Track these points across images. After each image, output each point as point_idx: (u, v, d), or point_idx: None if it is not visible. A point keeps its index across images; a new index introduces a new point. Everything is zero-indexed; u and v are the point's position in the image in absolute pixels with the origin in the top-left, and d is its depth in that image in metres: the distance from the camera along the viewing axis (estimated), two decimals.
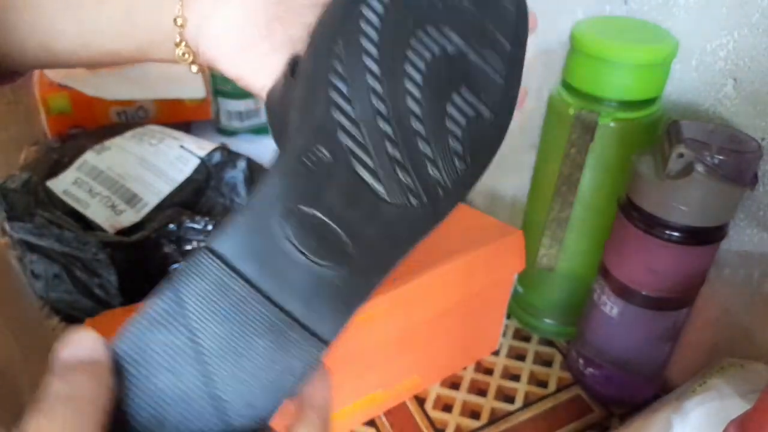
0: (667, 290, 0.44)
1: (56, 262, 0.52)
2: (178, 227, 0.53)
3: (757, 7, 0.40)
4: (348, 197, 0.25)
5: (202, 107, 0.77)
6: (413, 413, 0.51)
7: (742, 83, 0.42)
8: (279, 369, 0.24)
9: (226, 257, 0.24)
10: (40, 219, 0.52)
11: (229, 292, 0.24)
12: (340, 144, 0.25)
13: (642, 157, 0.43)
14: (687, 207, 0.40)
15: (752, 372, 0.41)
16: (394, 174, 0.25)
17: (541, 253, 0.52)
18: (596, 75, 0.44)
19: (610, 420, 0.50)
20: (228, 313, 0.24)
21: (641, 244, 0.43)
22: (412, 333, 0.47)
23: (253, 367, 0.24)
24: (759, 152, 0.39)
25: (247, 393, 0.24)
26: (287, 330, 0.24)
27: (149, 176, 0.59)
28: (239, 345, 0.24)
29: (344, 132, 0.25)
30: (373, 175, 0.25)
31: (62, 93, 0.70)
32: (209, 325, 0.24)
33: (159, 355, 0.23)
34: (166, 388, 0.23)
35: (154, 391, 0.23)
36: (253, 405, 0.24)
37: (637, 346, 0.48)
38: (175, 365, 0.23)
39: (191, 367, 0.24)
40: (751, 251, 0.44)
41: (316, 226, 0.25)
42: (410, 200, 0.26)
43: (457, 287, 0.48)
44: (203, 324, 0.24)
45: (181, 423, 0.23)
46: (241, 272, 0.24)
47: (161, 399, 0.23)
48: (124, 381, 0.23)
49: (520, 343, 0.58)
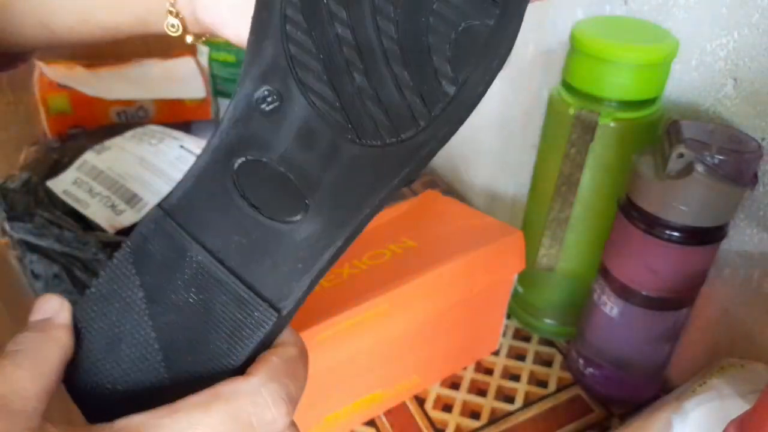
0: (667, 290, 0.44)
1: (56, 262, 0.52)
2: None
3: (757, 7, 0.40)
4: (305, 140, 0.22)
5: (202, 107, 0.77)
6: (413, 413, 0.51)
7: (743, 83, 0.42)
8: (226, 334, 0.22)
9: (174, 213, 0.22)
10: (40, 219, 0.52)
11: (178, 250, 0.22)
12: (295, 80, 0.21)
13: (642, 157, 0.43)
14: (687, 207, 0.40)
15: (752, 372, 0.41)
16: (363, 106, 0.21)
17: (541, 253, 0.52)
18: (596, 75, 0.44)
19: (610, 420, 0.50)
20: (176, 273, 0.22)
21: (641, 244, 0.43)
22: (412, 333, 0.47)
23: (203, 337, 0.22)
24: (759, 152, 0.39)
25: (198, 363, 0.22)
26: (242, 297, 0.22)
27: (149, 176, 0.59)
28: (187, 306, 0.22)
29: (299, 66, 0.21)
30: (336, 110, 0.21)
31: (62, 93, 0.70)
32: (157, 284, 0.22)
33: (112, 313, 0.23)
34: (121, 346, 0.23)
35: (107, 349, 0.23)
36: (198, 369, 0.22)
37: (637, 346, 0.48)
38: (125, 323, 0.23)
39: (141, 325, 0.23)
40: (752, 251, 0.44)
41: (269, 177, 0.22)
42: (383, 137, 0.21)
43: (457, 287, 0.48)
44: (153, 283, 0.22)
45: (131, 377, 0.23)
46: (188, 230, 0.22)
47: (116, 357, 0.23)
48: (83, 340, 0.23)
49: (520, 343, 0.58)
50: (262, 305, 0.22)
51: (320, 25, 0.21)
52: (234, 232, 0.22)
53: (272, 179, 0.22)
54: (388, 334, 0.45)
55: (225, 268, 0.22)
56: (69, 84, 0.70)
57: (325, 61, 0.21)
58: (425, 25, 0.20)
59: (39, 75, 0.71)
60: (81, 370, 0.23)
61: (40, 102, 0.70)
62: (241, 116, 0.22)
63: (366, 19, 0.21)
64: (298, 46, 0.21)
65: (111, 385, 0.23)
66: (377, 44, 0.21)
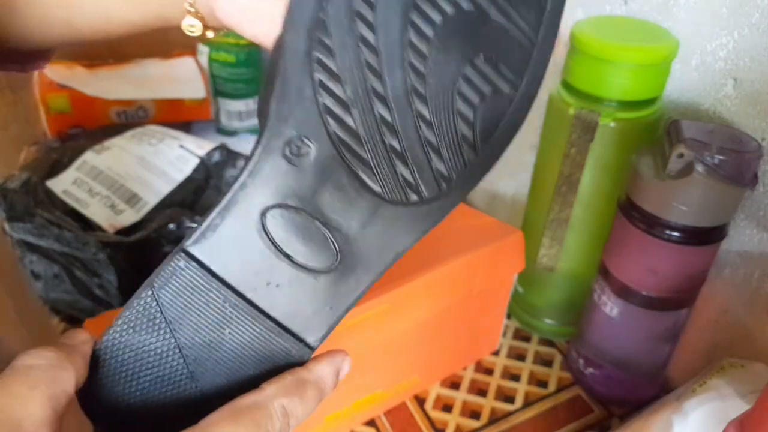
0: (667, 290, 0.44)
1: (56, 262, 0.52)
2: (177, 227, 0.53)
3: (757, 7, 0.40)
4: (337, 194, 0.22)
5: (202, 107, 0.77)
6: (413, 413, 0.51)
7: (743, 83, 0.42)
8: (263, 371, 0.23)
9: (203, 262, 0.22)
10: (40, 219, 0.52)
11: (208, 297, 0.22)
12: (327, 133, 0.21)
13: (642, 157, 0.43)
14: (687, 207, 0.40)
15: (752, 372, 0.41)
16: (391, 166, 0.22)
17: (541, 253, 0.52)
18: (596, 75, 0.44)
19: (610, 420, 0.50)
20: (207, 317, 0.22)
21: (641, 244, 0.43)
22: (412, 333, 0.47)
23: (234, 368, 0.23)
24: (759, 152, 0.39)
25: (228, 388, 0.23)
26: (272, 335, 0.23)
27: (149, 176, 0.59)
28: (220, 350, 0.23)
29: (332, 118, 0.21)
30: (367, 167, 0.22)
31: (62, 93, 0.70)
32: (189, 330, 0.22)
33: (138, 355, 0.23)
34: (147, 384, 0.23)
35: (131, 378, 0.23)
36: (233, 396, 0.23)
37: (637, 346, 0.48)
38: (154, 365, 0.23)
39: (172, 368, 0.23)
40: (752, 251, 0.44)
41: (300, 227, 0.22)
42: (408, 196, 0.22)
43: (457, 287, 0.48)
44: (183, 329, 0.22)
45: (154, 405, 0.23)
46: (220, 277, 0.22)
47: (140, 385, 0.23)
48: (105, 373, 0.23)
49: (520, 343, 0.58)
50: (290, 339, 0.23)
51: (354, 79, 0.21)
52: (262, 276, 0.22)
53: (302, 228, 0.22)
54: (388, 334, 0.45)
55: (252, 306, 0.23)
56: (69, 84, 0.70)
57: (358, 116, 0.21)
58: (454, 90, 0.21)
59: (39, 75, 0.71)
60: (104, 400, 0.23)
61: (40, 102, 0.70)
62: (273, 165, 0.22)
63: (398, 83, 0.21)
64: (332, 97, 0.21)
65: (136, 412, 0.23)
66: (409, 106, 0.21)
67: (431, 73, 0.21)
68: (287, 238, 0.22)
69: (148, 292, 0.22)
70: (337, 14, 0.20)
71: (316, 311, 0.23)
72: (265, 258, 0.22)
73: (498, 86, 0.21)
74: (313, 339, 0.23)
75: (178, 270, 0.22)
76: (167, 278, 0.22)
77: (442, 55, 0.21)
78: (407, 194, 0.22)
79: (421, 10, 0.20)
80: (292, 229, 0.22)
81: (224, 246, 0.22)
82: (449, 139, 0.22)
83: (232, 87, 0.78)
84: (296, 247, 0.22)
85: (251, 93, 0.80)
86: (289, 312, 0.23)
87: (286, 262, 0.22)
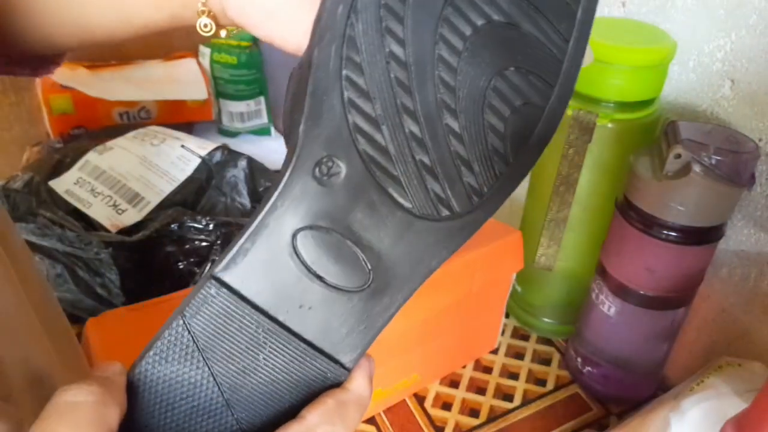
0: (664, 289, 0.44)
1: (59, 262, 0.52)
2: (179, 226, 0.53)
3: (754, 9, 0.40)
4: (368, 212, 0.22)
5: (203, 108, 0.77)
6: (413, 411, 0.51)
7: (740, 84, 0.42)
8: (299, 395, 0.23)
9: (234, 288, 0.22)
10: (43, 219, 0.52)
11: (241, 323, 0.22)
12: (357, 151, 0.21)
13: (640, 157, 0.43)
14: (684, 207, 0.40)
15: (749, 371, 0.41)
16: (422, 182, 0.21)
17: (540, 253, 0.53)
18: (594, 76, 0.45)
19: (608, 418, 0.51)
20: (241, 343, 0.22)
21: (639, 243, 0.43)
22: (412, 332, 0.48)
23: (270, 393, 0.23)
24: (756, 153, 0.40)
25: (266, 416, 0.23)
26: (307, 358, 0.22)
27: (151, 176, 0.59)
28: (255, 376, 0.22)
29: (362, 136, 0.21)
30: (397, 184, 0.21)
31: (65, 94, 0.70)
32: (222, 357, 0.22)
33: (172, 386, 0.22)
34: (183, 416, 0.22)
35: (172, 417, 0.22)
36: (271, 423, 0.23)
37: (635, 345, 0.48)
38: (189, 395, 0.22)
39: (207, 397, 0.22)
40: (748, 251, 0.44)
41: (331, 248, 0.22)
42: (440, 211, 0.22)
43: (456, 287, 0.48)
44: (216, 356, 0.22)
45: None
46: (252, 302, 0.22)
47: (181, 426, 0.23)
48: (140, 406, 0.22)
49: (519, 341, 0.58)
50: (325, 361, 0.23)
51: (383, 96, 0.21)
52: (294, 299, 0.22)
53: (333, 248, 0.22)
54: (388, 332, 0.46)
55: (286, 330, 0.22)
56: (72, 85, 0.71)
57: (388, 132, 0.21)
58: (484, 103, 0.21)
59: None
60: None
61: (42, 103, 0.71)
62: (303, 185, 0.21)
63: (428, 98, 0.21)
64: (362, 115, 0.21)
65: None
66: (439, 121, 0.21)
67: (461, 86, 0.21)
68: (319, 259, 0.22)
69: (179, 322, 0.22)
70: (366, 31, 0.20)
71: (350, 331, 0.23)
72: (297, 280, 0.22)
73: (529, 97, 0.21)
74: (348, 359, 0.23)
75: (210, 297, 0.22)
76: (198, 307, 0.22)
77: (472, 68, 0.21)
78: (438, 209, 0.22)
79: (451, 23, 0.20)
80: (324, 249, 0.22)
81: (255, 270, 0.22)
82: (480, 152, 0.21)
83: (233, 88, 0.79)
84: (328, 268, 0.22)
85: (252, 94, 0.80)
86: (323, 333, 0.23)
87: (318, 284, 0.22)
